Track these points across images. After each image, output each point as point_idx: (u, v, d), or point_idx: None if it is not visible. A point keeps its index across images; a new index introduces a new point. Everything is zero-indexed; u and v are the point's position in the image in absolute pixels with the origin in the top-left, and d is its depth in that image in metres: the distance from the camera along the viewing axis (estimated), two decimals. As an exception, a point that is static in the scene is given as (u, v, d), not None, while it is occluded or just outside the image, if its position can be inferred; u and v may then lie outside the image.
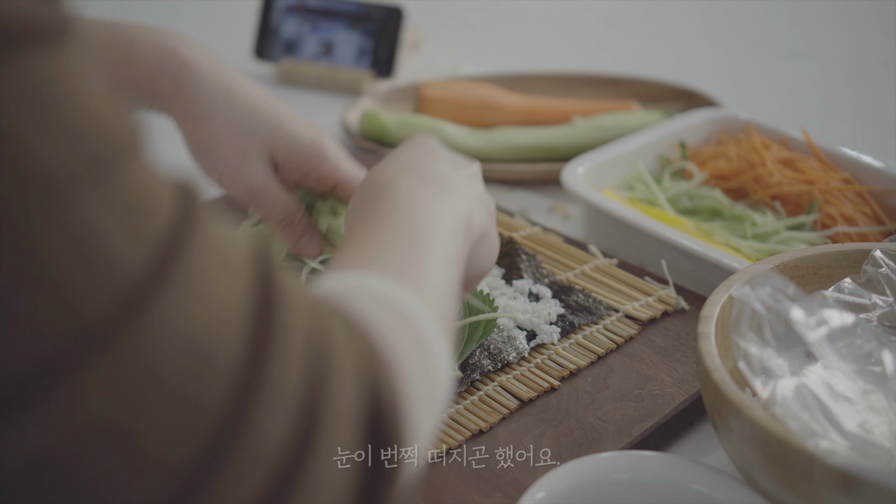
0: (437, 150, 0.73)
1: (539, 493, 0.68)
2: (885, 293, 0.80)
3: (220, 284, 0.41)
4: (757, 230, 1.03)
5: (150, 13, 1.72)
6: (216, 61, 0.81)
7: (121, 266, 0.38)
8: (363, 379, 0.46)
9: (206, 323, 0.40)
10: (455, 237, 0.64)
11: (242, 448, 0.41)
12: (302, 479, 0.42)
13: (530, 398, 0.83)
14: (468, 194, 0.69)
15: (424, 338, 0.53)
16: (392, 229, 0.60)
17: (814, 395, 0.68)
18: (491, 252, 0.74)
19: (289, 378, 0.43)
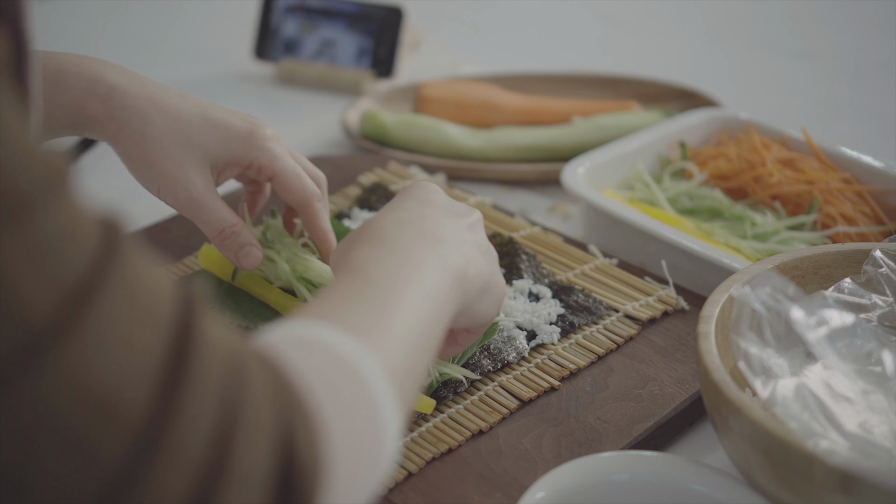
0: (436, 199, 0.73)
1: (539, 493, 0.68)
2: (885, 293, 0.80)
3: (132, 334, 0.41)
4: (757, 230, 1.03)
5: (150, 13, 1.73)
6: (142, 80, 0.83)
7: (26, 312, 0.37)
8: (278, 439, 0.45)
9: (111, 374, 0.40)
10: (441, 292, 0.64)
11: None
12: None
13: (530, 398, 0.83)
14: (465, 246, 0.69)
15: (368, 392, 0.52)
16: (368, 280, 0.60)
17: (814, 395, 0.68)
18: (492, 302, 0.74)
19: (194, 436, 0.42)
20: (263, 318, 0.89)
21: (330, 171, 1.14)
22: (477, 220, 0.75)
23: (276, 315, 0.89)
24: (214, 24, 1.71)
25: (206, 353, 0.44)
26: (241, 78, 1.50)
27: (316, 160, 1.16)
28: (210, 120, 0.83)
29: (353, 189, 1.11)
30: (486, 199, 1.10)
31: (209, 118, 0.83)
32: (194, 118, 0.82)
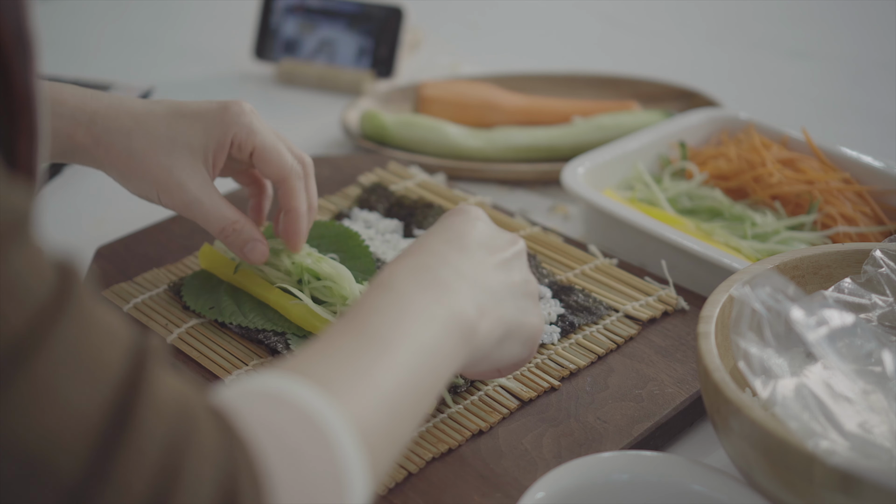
0: (470, 233, 0.71)
1: (539, 493, 0.68)
2: (885, 293, 0.80)
3: (71, 392, 0.40)
4: (757, 230, 1.03)
5: (150, 13, 1.73)
6: (119, 99, 0.84)
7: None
8: (220, 493, 0.44)
9: (48, 429, 0.39)
10: (441, 349, 0.62)
11: None
12: None
13: (530, 398, 0.83)
14: (485, 293, 0.67)
15: (329, 449, 0.50)
16: (359, 334, 0.58)
17: (814, 395, 0.68)
18: (519, 345, 0.73)
19: (129, 495, 0.41)
20: (264, 317, 0.89)
21: (330, 171, 1.14)
22: (515, 253, 0.73)
23: (277, 315, 0.89)
24: (214, 24, 1.71)
25: (151, 410, 0.43)
26: (241, 78, 1.50)
27: (316, 160, 1.16)
28: (185, 115, 0.84)
29: (353, 189, 1.11)
30: (486, 199, 1.10)
31: (184, 113, 0.84)
32: (171, 119, 0.84)
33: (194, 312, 0.92)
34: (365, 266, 0.95)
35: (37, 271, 0.40)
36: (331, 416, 0.51)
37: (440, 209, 1.05)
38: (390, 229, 1.03)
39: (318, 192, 1.11)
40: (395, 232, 1.03)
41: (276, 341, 0.87)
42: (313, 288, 0.89)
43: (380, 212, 1.06)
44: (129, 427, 0.42)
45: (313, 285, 0.89)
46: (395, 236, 1.02)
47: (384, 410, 0.55)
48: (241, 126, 0.84)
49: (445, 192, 1.10)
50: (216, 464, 0.45)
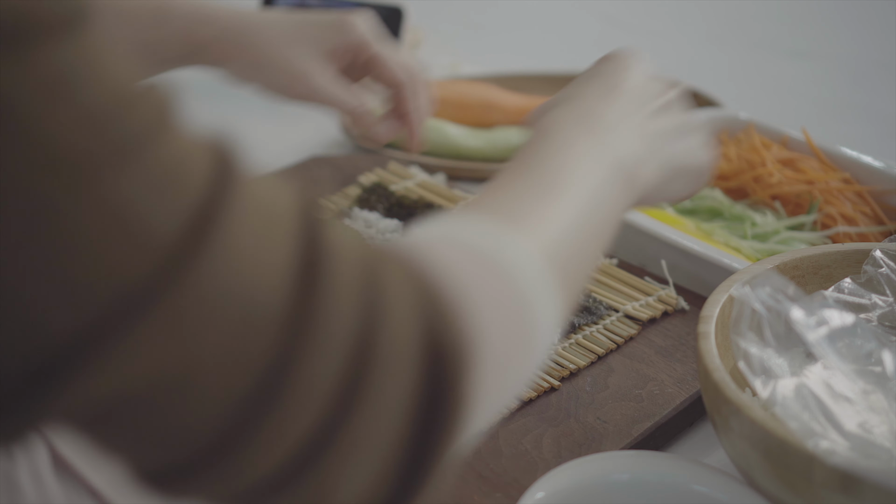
0: (622, 85, 0.69)
1: (539, 493, 0.68)
2: (885, 293, 0.80)
3: (264, 241, 0.42)
4: (757, 230, 1.03)
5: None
6: (231, 4, 0.90)
7: (157, 233, 0.39)
8: (422, 333, 0.46)
9: (250, 276, 0.41)
10: (609, 191, 0.62)
11: (291, 392, 0.42)
12: (350, 425, 0.43)
13: (530, 398, 0.83)
14: (641, 142, 0.66)
15: (518, 287, 0.51)
16: (528, 178, 0.59)
17: (814, 395, 0.68)
18: (687, 183, 0.71)
19: (338, 324, 0.43)
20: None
21: (330, 171, 1.14)
22: (672, 97, 0.72)
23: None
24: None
25: (337, 253, 0.44)
26: (241, 78, 1.50)
27: (316, 160, 1.16)
28: (304, 21, 0.91)
29: (353, 189, 1.11)
30: (486, 199, 1.10)
31: (302, 21, 0.91)
32: (292, 20, 0.91)
33: (194, 312, 0.92)
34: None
35: (199, 146, 0.42)
36: (520, 255, 0.52)
37: (440, 209, 1.05)
38: (390, 229, 1.03)
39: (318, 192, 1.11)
40: (395, 232, 1.03)
41: (276, 341, 0.87)
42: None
43: (380, 212, 1.06)
44: (322, 272, 0.43)
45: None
46: (395, 236, 1.02)
47: (556, 248, 0.55)
48: (358, 35, 0.91)
49: (445, 192, 1.10)
50: (411, 299, 0.46)
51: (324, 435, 0.43)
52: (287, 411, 0.42)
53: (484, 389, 0.48)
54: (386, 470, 0.45)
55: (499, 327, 0.50)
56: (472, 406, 0.47)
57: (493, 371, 0.49)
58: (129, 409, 0.41)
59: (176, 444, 0.42)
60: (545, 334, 0.53)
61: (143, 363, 0.40)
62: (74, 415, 0.40)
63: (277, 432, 0.42)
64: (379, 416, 0.44)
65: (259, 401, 0.42)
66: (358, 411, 0.44)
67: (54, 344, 0.38)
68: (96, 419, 0.41)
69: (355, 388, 0.43)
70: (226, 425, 0.42)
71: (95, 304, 0.39)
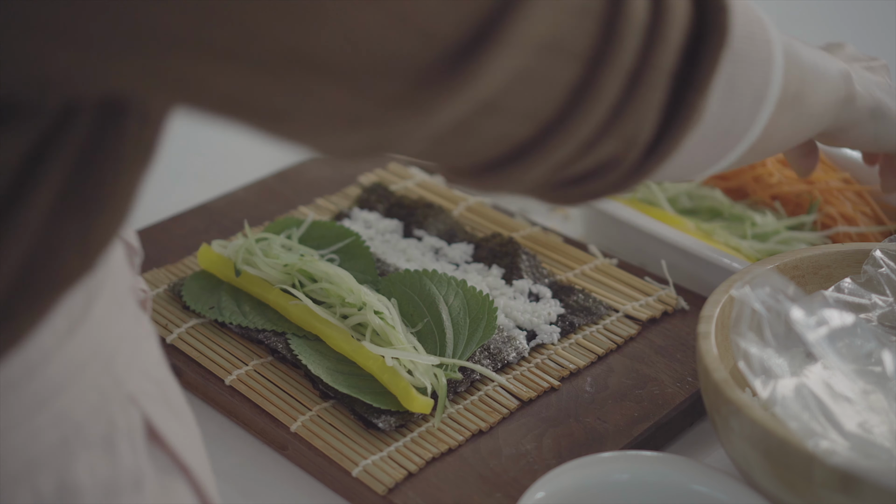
0: (841, 45, 0.86)
1: (539, 493, 0.68)
2: (885, 293, 0.80)
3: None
4: (757, 230, 1.03)
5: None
6: None
7: None
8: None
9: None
10: (837, 82, 0.75)
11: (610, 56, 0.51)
12: (645, 69, 0.53)
13: (530, 398, 0.83)
14: (861, 74, 0.80)
15: (770, 35, 0.62)
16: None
17: (814, 395, 0.68)
18: (880, 129, 0.82)
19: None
20: (263, 317, 0.89)
21: (330, 171, 1.14)
22: (881, 65, 0.85)
23: (277, 315, 0.89)
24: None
25: None
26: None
27: (316, 160, 1.16)
28: None
29: (353, 189, 1.11)
30: (486, 199, 1.10)
31: None
32: None
33: (194, 312, 0.92)
34: (365, 266, 0.94)
35: None
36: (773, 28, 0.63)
37: (440, 209, 1.05)
38: (390, 229, 1.03)
39: (318, 192, 1.11)
40: (395, 232, 1.03)
41: (276, 341, 0.87)
42: (309, 290, 0.89)
43: (380, 212, 1.06)
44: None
45: (308, 288, 0.89)
46: (395, 236, 1.02)
47: (796, 66, 0.67)
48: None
49: (445, 192, 1.10)
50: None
51: (629, 88, 0.52)
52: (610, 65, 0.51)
53: (735, 55, 0.59)
54: (665, 103, 0.55)
55: (748, 23, 0.60)
56: (724, 53, 0.55)
57: (741, 50, 0.59)
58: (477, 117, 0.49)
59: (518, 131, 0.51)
60: (776, 77, 0.63)
61: (522, 41, 0.47)
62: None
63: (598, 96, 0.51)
64: (669, 43, 0.53)
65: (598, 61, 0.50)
66: (655, 46, 0.52)
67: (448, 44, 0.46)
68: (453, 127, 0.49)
69: (654, 27, 0.52)
70: (560, 106, 0.51)
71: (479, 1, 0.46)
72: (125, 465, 0.54)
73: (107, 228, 0.49)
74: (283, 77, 0.44)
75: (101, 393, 0.53)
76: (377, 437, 0.79)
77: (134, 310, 0.58)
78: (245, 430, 0.84)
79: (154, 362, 0.59)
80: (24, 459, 0.50)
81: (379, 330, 0.84)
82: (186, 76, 0.43)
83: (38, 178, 0.46)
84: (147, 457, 0.56)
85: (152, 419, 0.56)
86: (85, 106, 0.46)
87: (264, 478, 0.80)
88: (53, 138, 0.45)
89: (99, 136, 0.47)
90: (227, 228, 1.04)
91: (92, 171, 0.47)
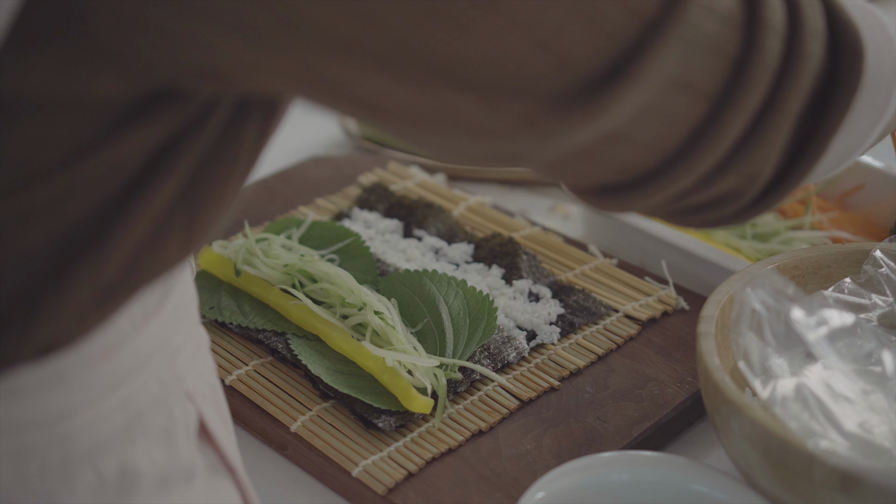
0: None
1: (539, 493, 0.68)
2: (885, 293, 0.80)
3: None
4: (757, 230, 1.03)
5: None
6: None
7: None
8: (827, 24, 0.55)
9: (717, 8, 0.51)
10: None
11: (746, 85, 0.52)
12: (776, 106, 0.54)
13: (530, 398, 0.83)
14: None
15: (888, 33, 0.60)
16: None
17: (814, 395, 0.68)
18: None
19: (776, 20, 0.52)
20: (264, 317, 0.89)
21: (330, 171, 1.14)
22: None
23: (277, 315, 0.89)
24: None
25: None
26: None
27: (316, 160, 1.16)
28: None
29: (353, 189, 1.11)
30: (486, 199, 1.10)
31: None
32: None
33: (194, 312, 0.92)
34: (365, 266, 0.94)
35: None
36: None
37: (440, 209, 1.05)
38: (390, 229, 1.03)
39: (318, 192, 1.11)
40: (395, 232, 1.03)
41: (276, 341, 0.87)
42: (309, 290, 0.89)
43: (380, 212, 1.06)
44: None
45: (308, 288, 0.89)
46: (395, 236, 1.02)
47: None
48: None
49: (445, 192, 1.10)
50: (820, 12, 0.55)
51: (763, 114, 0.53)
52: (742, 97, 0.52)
53: (864, 89, 0.57)
54: (789, 144, 0.55)
55: (878, 52, 0.59)
56: (856, 98, 0.56)
57: (870, 81, 0.58)
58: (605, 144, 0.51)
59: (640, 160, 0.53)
60: None
61: (654, 78, 0.49)
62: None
63: (733, 119, 0.52)
64: (799, 88, 0.53)
65: (727, 100, 0.52)
66: (784, 90, 0.53)
67: (588, 73, 0.47)
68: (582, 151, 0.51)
69: (786, 70, 0.53)
70: (696, 129, 0.52)
71: (621, 35, 0.47)
72: (180, 456, 0.57)
73: (210, 223, 0.51)
74: (425, 87, 0.46)
75: (163, 385, 0.56)
76: (377, 437, 0.79)
77: (196, 319, 0.61)
78: (245, 430, 0.84)
79: (209, 369, 0.62)
80: (91, 440, 0.53)
81: (379, 330, 0.84)
82: (339, 78, 0.46)
83: (171, 166, 0.48)
84: (199, 453, 0.59)
85: (206, 418, 0.59)
86: (226, 100, 0.48)
87: (264, 478, 0.80)
88: (192, 129, 0.47)
89: (228, 131, 0.49)
90: (227, 228, 1.04)
91: (213, 165, 0.49)
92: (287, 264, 0.90)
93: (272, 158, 1.19)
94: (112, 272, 0.49)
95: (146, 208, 0.48)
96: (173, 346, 0.57)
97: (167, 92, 0.46)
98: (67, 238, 0.47)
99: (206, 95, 0.47)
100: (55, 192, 0.46)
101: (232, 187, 0.52)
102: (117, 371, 0.53)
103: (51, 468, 0.52)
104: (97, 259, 0.48)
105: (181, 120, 0.47)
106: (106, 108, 0.45)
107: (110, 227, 0.48)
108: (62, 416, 0.51)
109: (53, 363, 0.50)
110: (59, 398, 0.51)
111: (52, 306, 0.48)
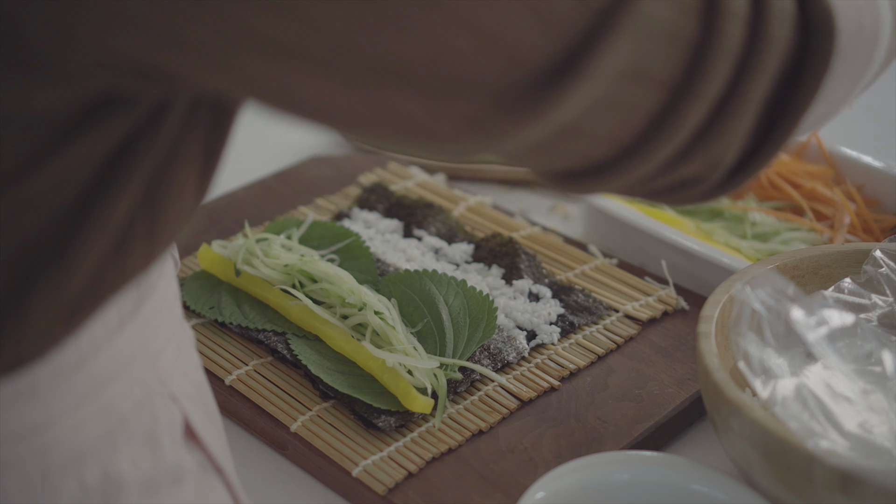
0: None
1: (539, 493, 0.68)
2: (885, 293, 0.80)
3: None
4: (757, 230, 1.03)
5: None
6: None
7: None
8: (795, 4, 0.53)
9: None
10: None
11: (705, 73, 0.50)
12: (743, 86, 0.52)
13: (530, 398, 0.83)
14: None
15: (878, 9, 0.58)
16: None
17: (814, 395, 0.68)
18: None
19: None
20: (264, 317, 0.89)
21: (330, 171, 1.14)
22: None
23: (277, 315, 0.89)
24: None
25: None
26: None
27: (316, 160, 1.16)
28: None
29: (353, 189, 1.11)
30: (486, 199, 1.10)
31: None
32: None
33: (194, 312, 0.92)
34: (365, 266, 0.94)
35: None
36: None
37: (440, 209, 1.05)
38: (390, 229, 1.03)
39: (318, 192, 1.11)
40: (395, 232, 1.03)
41: (276, 341, 0.87)
42: (309, 290, 0.89)
43: (380, 212, 1.06)
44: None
45: (308, 288, 0.89)
46: (395, 236, 1.02)
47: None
48: None
49: (445, 192, 1.10)
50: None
51: (726, 101, 0.51)
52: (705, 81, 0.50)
53: (840, 60, 0.55)
54: (755, 128, 0.54)
55: (858, 16, 0.56)
56: (826, 78, 0.54)
57: (847, 48, 0.55)
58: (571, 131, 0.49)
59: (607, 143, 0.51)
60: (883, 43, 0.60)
61: (606, 71, 0.47)
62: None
63: (702, 92, 0.50)
64: (764, 73, 0.52)
65: (692, 75, 0.50)
66: (747, 76, 0.51)
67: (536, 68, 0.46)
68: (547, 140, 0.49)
69: (748, 56, 0.51)
70: (659, 110, 0.50)
71: (571, 28, 0.46)
72: (166, 459, 0.56)
73: (173, 227, 0.51)
74: (370, 89, 0.45)
75: (145, 389, 0.55)
76: (377, 437, 0.79)
77: (179, 317, 0.60)
78: (245, 430, 0.84)
79: (194, 367, 0.61)
80: (72, 449, 0.52)
81: (379, 330, 0.84)
82: (284, 84, 0.45)
83: (127, 173, 0.47)
84: (187, 454, 0.58)
85: (191, 419, 0.58)
86: (179, 101, 0.47)
87: (264, 478, 0.80)
88: (144, 133, 0.47)
89: (184, 132, 0.48)
90: (227, 228, 1.04)
91: (172, 168, 0.49)
92: (287, 264, 0.90)
93: (272, 158, 1.19)
94: (76, 287, 0.48)
95: (106, 217, 0.47)
96: (154, 348, 0.56)
97: (112, 98, 0.45)
98: (26, 255, 0.46)
99: (154, 98, 0.46)
100: (9, 208, 0.45)
101: (194, 189, 0.51)
102: (95, 378, 0.52)
103: (31, 481, 0.51)
104: (59, 275, 0.47)
105: (130, 125, 0.46)
106: (48, 119, 0.44)
107: (70, 240, 0.47)
108: (39, 428, 0.50)
109: (25, 376, 0.49)
110: (34, 410, 0.50)
111: (15, 329, 0.47)
